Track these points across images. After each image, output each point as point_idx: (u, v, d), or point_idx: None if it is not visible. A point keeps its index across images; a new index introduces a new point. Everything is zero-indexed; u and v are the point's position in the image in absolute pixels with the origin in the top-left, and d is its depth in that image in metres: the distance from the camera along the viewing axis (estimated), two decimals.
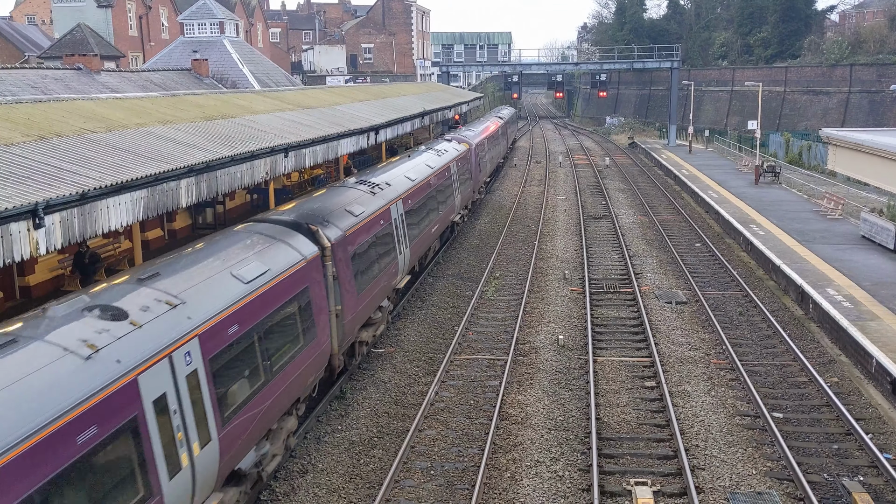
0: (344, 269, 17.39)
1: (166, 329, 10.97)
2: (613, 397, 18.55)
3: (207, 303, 12.15)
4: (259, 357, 13.29)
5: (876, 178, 21.90)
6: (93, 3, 59.14)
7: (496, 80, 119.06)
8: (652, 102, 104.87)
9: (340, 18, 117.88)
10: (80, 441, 8.85)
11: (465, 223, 36.99)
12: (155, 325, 10.87)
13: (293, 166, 25.19)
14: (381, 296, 20.88)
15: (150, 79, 39.58)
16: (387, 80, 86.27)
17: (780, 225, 34.60)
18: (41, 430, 8.32)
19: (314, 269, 16.07)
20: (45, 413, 8.48)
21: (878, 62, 63.88)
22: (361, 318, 18.82)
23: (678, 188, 51.61)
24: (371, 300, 19.48)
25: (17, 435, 8.04)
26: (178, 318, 11.34)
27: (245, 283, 13.36)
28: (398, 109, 41.73)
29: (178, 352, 10.93)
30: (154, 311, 11.16)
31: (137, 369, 10.03)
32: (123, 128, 19.68)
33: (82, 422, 8.92)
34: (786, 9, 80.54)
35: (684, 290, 27.53)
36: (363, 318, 19.10)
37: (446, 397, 18.66)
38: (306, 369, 15.36)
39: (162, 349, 10.63)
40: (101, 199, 14.09)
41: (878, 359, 18.77)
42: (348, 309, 17.50)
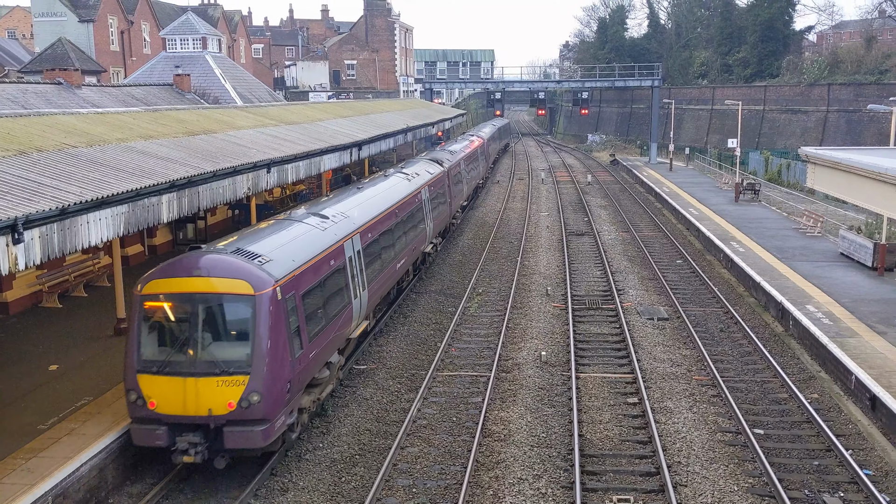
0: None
1: (348, 225, 20.46)
2: (596, 414, 18.54)
3: (359, 218, 21.60)
4: (379, 252, 22.81)
5: (854, 196, 22.12)
6: (74, 17, 58.90)
7: (479, 97, 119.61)
8: (633, 120, 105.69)
9: (323, 35, 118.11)
10: (328, 264, 17.99)
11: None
12: (343, 224, 20.25)
13: (275, 182, 25.13)
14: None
15: (131, 94, 39.40)
16: (370, 96, 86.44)
17: (760, 242, 34.87)
18: (314, 256, 17.30)
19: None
20: (315, 250, 17.57)
21: (855, 82, 64.75)
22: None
23: (659, 205, 51.94)
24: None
25: (307, 257, 16.90)
26: (351, 222, 20.79)
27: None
28: (381, 126, 41.78)
29: (354, 237, 20.39)
30: (340, 217, 20.52)
31: (343, 239, 19.47)
32: (104, 143, 19.55)
33: (326, 257, 17.95)
34: (764, 29, 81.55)
35: (666, 306, 27.64)
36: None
37: (429, 414, 18.58)
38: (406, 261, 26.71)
39: (349, 233, 20.13)
40: (82, 215, 13.98)
41: (858, 375, 18.90)
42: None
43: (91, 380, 17.84)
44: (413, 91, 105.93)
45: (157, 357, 14.65)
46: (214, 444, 14.55)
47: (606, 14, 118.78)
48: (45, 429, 15.32)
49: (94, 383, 17.61)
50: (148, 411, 14.48)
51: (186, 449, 14.33)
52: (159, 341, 14.78)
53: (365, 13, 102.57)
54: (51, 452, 14.29)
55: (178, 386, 14.39)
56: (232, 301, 14.81)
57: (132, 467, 15.38)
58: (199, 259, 15.17)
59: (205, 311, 14.73)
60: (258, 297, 14.69)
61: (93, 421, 15.61)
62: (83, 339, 20.76)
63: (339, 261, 18.88)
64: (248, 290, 14.74)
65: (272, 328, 14.72)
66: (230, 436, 14.41)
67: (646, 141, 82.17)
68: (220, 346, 14.70)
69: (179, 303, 14.77)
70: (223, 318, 14.94)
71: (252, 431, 14.41)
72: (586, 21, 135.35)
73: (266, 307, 14.70)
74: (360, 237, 20.91)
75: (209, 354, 14.56)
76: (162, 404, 14.43)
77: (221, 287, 14.76)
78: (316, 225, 19.04)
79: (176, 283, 14.90)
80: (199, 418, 14.40)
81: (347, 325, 19.26)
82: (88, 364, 18.93)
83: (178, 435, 14.40)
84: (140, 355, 14.66)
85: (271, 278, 15.08)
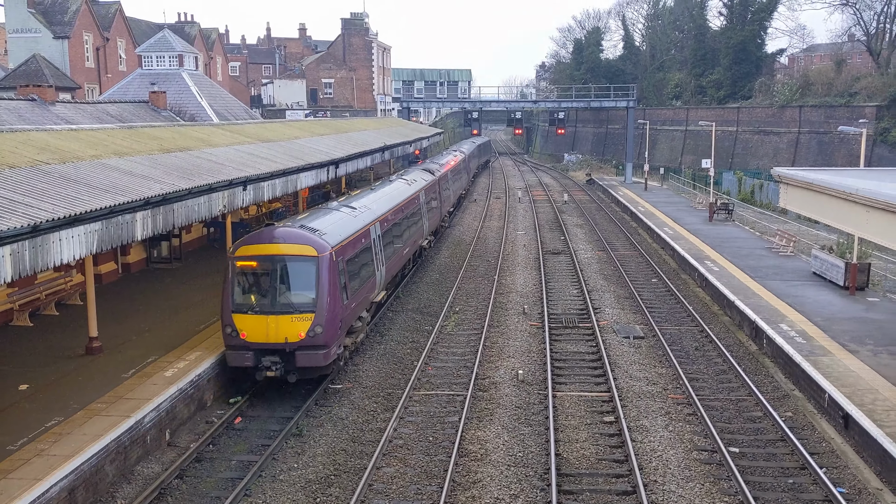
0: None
1: (371, 215, 25.75)
2: (573, 432, 18.53)
3: (377, 210, 26.97)
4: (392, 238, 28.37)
5: (826, 216, 22.41)
6: (49, 34, 58.48)
7: (456, 116, 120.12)
8: (609, 140, 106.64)
9: (301, 53, 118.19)
10: (361, 242, 23.11)
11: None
12: (367, 214, 25.60)
13: (251, 199, 25.02)
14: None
15: (106, 110, 39.13)
16: (347, 114, 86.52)
17: (734, 261, 35.20)
18: (352, 234, 22.47)
19: None
20: (352, 230, 22.75)
21: (825, 104, 65.84)
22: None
23: (635, 224, 52.33)
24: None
25: (347, 234, 22.20)
26: (372, 213, 26.19)
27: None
28: (358, 144, 41.80)
29: (375, 224, 25.59)
30: (364, 209, 25.86)
31: (369, 224, 24.69)
32: (78, 159, 19.37)
33: (360, 236, 23.01)
34: (737, 52, 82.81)
35: (642, 324, 27.77)
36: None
37: (405, 434, 18.47)
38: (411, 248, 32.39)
39: (372, 220, 25.35)
40: (54, 232, 13.82)
41: (831, 393, 19.07)
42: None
43: (62, 400, 17.56)
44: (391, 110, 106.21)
45: (246, 301, 19.97)
46: (287, 365, 19.78)
47: (582, 35, 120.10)
48: (14, 450, 15.03)
49: (65, 403, 17.32)
50: (240, 341, 19.78)
51: (269, 366, 19.63)
52: (248, 290, 20.16)
53: (342, 32, 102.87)
54: (20, 474, 14.01)
55: (263, 322, 19.67)
56: (301, 260, 20.11)
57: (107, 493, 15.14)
58: (276, 230, 20.72)
59: (282, 267, 20.07)
60: (320, 258, 20.16)
61: (62, 441, 15.33)
62: (54, 359, 20.44)
63: (367, 241, 24.61)
64: (313, 252, 20.14)
65: (329, 281, 20.14)
66: (301, 357, 19.73)
67: (621, 161, 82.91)
68: (292, 293, 20.12)
69: (263, 262, 20.08)
70: (295, 273, 20.17)
71: (316, 354, 19.77)
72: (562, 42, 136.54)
73: (325, 265, 20.15)
74: (379, 225, 26.54)
75: (285, 299, 19.99)
76: (250, 335, 19.72)
77: (293, 251, 20.16)
78: (349, 213, 24.75)
79: (260, 248, 20.21)
80: (278, 345, 19.66)
81: (372, 291, 24.90)
82: (59, 384, 18.63)
83: (262, 357, 19.68)
84: (234, 300, 19.97)
85: (328, 245, 20.60)
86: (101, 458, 15.07)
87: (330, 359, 20.08)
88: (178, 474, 16.14)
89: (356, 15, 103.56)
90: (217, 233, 36.74)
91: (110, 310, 24.48)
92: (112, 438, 15.53)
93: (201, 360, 20.21)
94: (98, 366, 19.85)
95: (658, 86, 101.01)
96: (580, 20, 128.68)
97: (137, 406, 17.05)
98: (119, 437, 15.75)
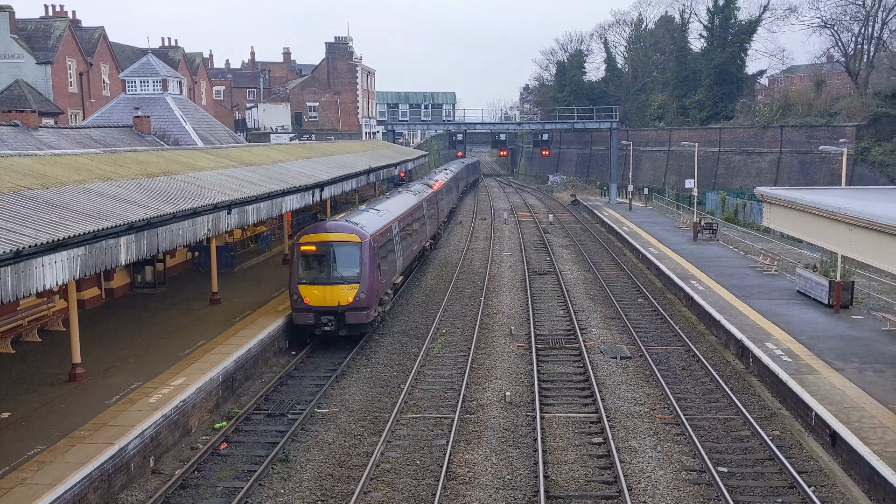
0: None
1: (391, 215, 32.76)
2: (561, 454, 18.46)
3: (395, 212, 33.94)
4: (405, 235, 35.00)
5: (809, 234, 22.57)
6: (32, 59, 58.33)
7: (441, 138, 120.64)
8: (593, 161, 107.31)
9: (285, 77, 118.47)
10: (387, 234, 30.64)
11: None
12: (389, 214, 32.61)
13: (236, 223, 24.96)
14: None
15: (89, 135, 38.99)
16: (332, 137, 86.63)
17: (719, 280, 35.37)
18: (381, 228, 29.87)
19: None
20: (380, 225, 30.05)
21: (806, 124, 66.61)
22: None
23: (620, 244, 52.53)
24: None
25: (378, 227, 29.47)
26: (392, 214, 33.27)
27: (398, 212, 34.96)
28: (343, 167, 41.84)
29: (395, 223, 32.71)
30: (386, 211, 32.90)
31: (391, 222, 31.92)
32: (61, 184, 19.28)
33: (386, 230, 30.63)
34: (718, 73, 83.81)
35: (628, 344, 27.79)
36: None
37: (392, 458, 18.33)
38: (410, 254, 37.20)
39: (393, 219, 32.47)
40: (37, 257, 13.71)
41: (818, 412, 19.11)
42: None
43: (44, 427, 17.32)
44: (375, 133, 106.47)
45: (308, 275, 26.67)
46: (339, 322, 26.44)
47: (565, 58, 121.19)
48: None
49: (48, 431, 17.09)
50: (304, 305, 26.38)
51: (325, 323, 26.28)
52: (309, 267, 26.86)
53: (327, 56, 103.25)
54: (2, 503, 13.79)
55: (320, 290, 26.36)
56: (348, 245, 27.01)
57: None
58: (328, 223, 28.38)
59: (334, 250, 26.94)
60: (362, 243, 27.11)
61: (45, 470, 15.11)
62: (37, 386, 20.19)
63: (390, 234, 31.74)
64: (357, 239, 27.15)
65: (369, 260, 27.00)
66: (349, 316, 26.44)
67: (606, 181, 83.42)
68: (342, 268, 26.89)
69: (320, 246, 26.96)
70: (344, 254, 26.97)
71: (360, 314, 26.53)
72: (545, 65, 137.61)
73: (366, 248, 27.08)
74: (398, 223, 33.71)
75: (337, 273, 26.83)
76: (311, 300, 26.33)
77: (342, 238, 27.10)
78: (375, 213, 32.11)
79: (318, 236, 27.19)
80: (332, 307, 26.35)
81: (394, 274, 32.29)
82: (42, 411, 18.40)
83: (320, 316, 26.32)
84: (299, 275, 26.62)
85: (367, 234, 27.70)
86: (84, 487, 14.85)
87: (370, 318, 27.01)
88: (162, 502, 15.92)
89: (340, 39, 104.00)
90: (202, 257, 36.56)
91: (94, 336, 24.26)
92: (95, 466, 15.32)
93: (186, 385, 20.02)
94: (81, 392, 19.62)
95: (641, 107, 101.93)
96: (563, 43, 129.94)
97: (121, 433, 16.84)
98: (102, 464, 15.54)
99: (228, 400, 21.88)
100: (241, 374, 23.00)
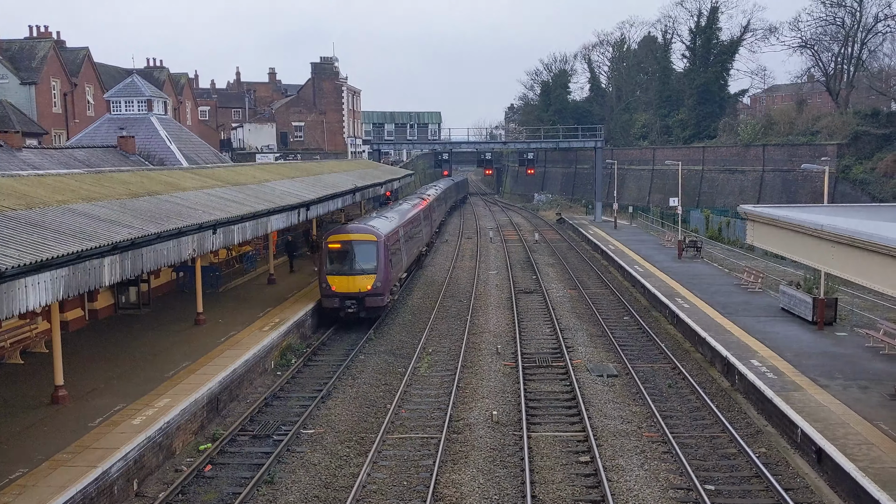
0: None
1: (397, 222, 39.46)
2: (548, 473, 18.39)
3: (400, 219, 40.70)
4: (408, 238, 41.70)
5: (792, 251, 22.74)
6: (16, 80, 58.13)
7: (426, 157, 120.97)
8: (578, 180, 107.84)
9: (271, 97, 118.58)
10: (395, 236, 37.06)
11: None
12: (394, 220, 39.23)
13: (221, 243, 24.87)
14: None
15: (73, 156, 38.84)
16: (318, 157, 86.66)
17: (704, 298, 35.52)
18: (391, 230, 36.26)
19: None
20: (390, 228, 36.61)
21: (788, 143, 67.30)
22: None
23: (605, 262, 52.69)
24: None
25: (389, 230, 36.07)
26: (398, 220, 40.14)
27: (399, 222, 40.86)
28: (329, 186, 41.84)
29: (400, 227, 39.38)
30: (393, 217, 40.34)
31: (398, 227, 38.69)
32: (45, 205, 19.17)
33: (394, 232, 37.06)
34: (701, 92, 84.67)
35: (615, 363, 27.81)
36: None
37: (379, 479, 18.21)
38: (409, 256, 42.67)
39: (399, 224, 39.44)
40: (19, 278, 13.60)
41: (804, 428, 19.17)
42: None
43: (26, 450, 17.10)
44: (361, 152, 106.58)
45: (334, 268, 32.32)
46: (359, 306, 32.10)
47: (549, 78, 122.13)
48: None
49: (30, 454, 16.88)
50: (331, 291, 32.06)
51: (349, 306, 31.97)
52: (335, 260, 32.51)
53: (312, 76, 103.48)
54: None
55: (345, 279, 32.09)
56: (367, 243, 32.77)
57: None
58: (350, 226, 34.45)
59: (356, 246, 32.62)
60: (377, 241, 32.90)
61: (27, 494, 14.90)
62: (19, 408, 19.95)
63: (397, 236, 37.43)
64: (374, 238, 32.94)
65: (384, 255, 32.86)
66: (368, 300, 32.19)
67: (591, 200, 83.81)
68: (362, 261, 32.45)
69: (344, 244, 32.68)
70: (363, 250, 32.61)
71: (377, 299, 32.33)
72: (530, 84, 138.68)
73: (381, 246, 32.90)
74: (402, 227, 39.80)
75: (358, 265, 32.39)
76: (337, 287, 32.04)
77: (362, 237, 32.93)
78: (386, 219, 38.66)
79: (342, 236, 33.06)
80: (354, 294, 32.07)
81: (401, 270, 38.45)
82: (24, 434, 18.17)
83: (345, 301, 31.98)
84: (327, 267, 32.28)
85: (382, 234, 33.73)
86: None
87: (385, 303, 33.11)
88: None
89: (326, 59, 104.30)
90: (186, 277, 36.35)
91: (77, 357, 24.03)
92: (78, 489, 15.13)
93: (170, 407, 19.85)
94: (64, 415, 19.40)
95: (625, 126, 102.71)
96: (547, 63, 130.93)
97: (104, 456, 16.65)
98: (85, 488, 15.34)
99: (213, 421, 21.70)
100: (225, 395, 22.83)
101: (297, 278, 40.33)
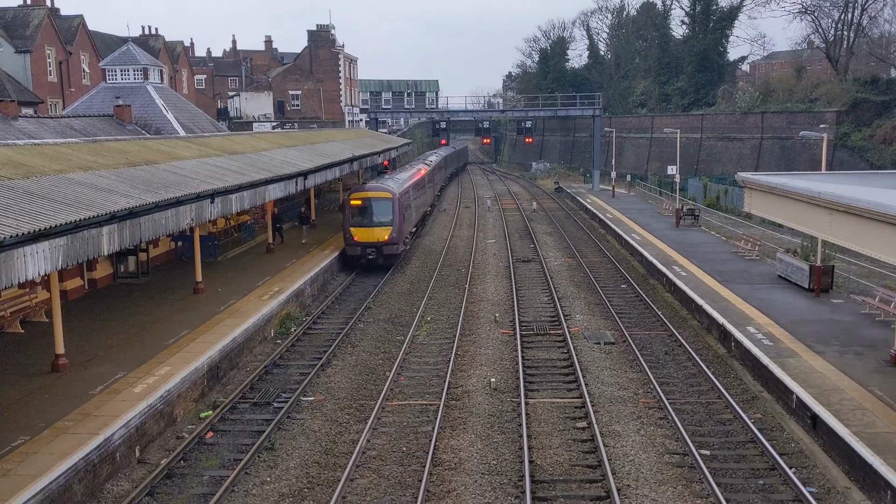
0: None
1: (408, 182, 45.36)
2: (546, 439, 18.60)
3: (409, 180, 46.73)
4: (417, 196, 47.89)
5: (790, 219, 22.78)
6: (10, 48, 57.66)
7: (424, 126, 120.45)
8: (576, 148, 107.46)
9: (267, 65, 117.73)
10: (407, 195, 42.41)
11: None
12: (405, 182, 44.77)
13: (219, 212, 24.88)
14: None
15: (70, 125, 38.65)
16: (315, 126, 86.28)
17: (701, 266, 35.63)
18: (403, 189, 41.98)
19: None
20: (403, 187, 42.28)
21: (787, 110, 66.98)
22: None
23: (603, 231, 52.74)
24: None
25: (402, 189, 41.52)
26: (408, 181, 46.05)
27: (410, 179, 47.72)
28: (327, 155, 41.72)
29: (410, 187, 44.67)
30: (404, 177, 46.66)
31: (409, 185, 44.73)
32: (41, 174, 19.14)
33: (406, 191, 42.72)
34: (700, 60, 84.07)
35: (612, 330, 27.98)
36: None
37: (378, 445, 18.41)
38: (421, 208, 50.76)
39: (409, 184, 45.06)
40: (18, 248, 13.63)
41: (798, 394, 19.36)
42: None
43: (28, 418, 17.26)
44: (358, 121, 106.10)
45: (356, 220, 37.56)
46: (378, 253, 37.35)
47: (548, 45, 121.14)
48: None
49: (31, 422, 17.03)
50: (354, 241, 37.29)
51: (369, 254, 37.22)
52: (357, 214, 37.74)
53: (309, 44, 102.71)
54: None
55: (366, 230, 37.32)
56: (384, 199, 38.14)
57: None
58: (369, 185, 41.40)
59: (374, 202, 38.03)
60: (394, 198, 38.16)
61: (29, 461, 15.07)
62: (19, 377, 20.09)
63: (408, 196, 42.41)
64: (390, 195, 38.29)
65: (399, 210, 38.01)
66: (385, 248, 37.45)
67: (589, 168, 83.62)
68: (380, 215, 37.62)
69: (365, 200, 38.04)
70: (381, 205, 37.95)
71: (393, 247, 37.62)
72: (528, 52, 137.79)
73: (396, 202, 38.14)
74: (412, 189, 44.97)
75: (377, 218, 37.58)
76: (359, 238, 37.28)
77: (380, 194, 38.42)
78: (399, 179, 44.78)
79: (363, 193, 38.67)
80: (374, 243, 37.29)
81: (412, 224, 43.58)
82: (25, 402, 18.32)
83: (365, 249, 37.22)
84: (351, 220, 37.47)
85: (397, 191, 39.17)
86: (69, 478, 14.83)
87: (399, 251, 38.48)
88: (148, 491, 15.93)
89: (322, 27, 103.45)
90: (185, 246, 36.39)
91: (77, 326, 24.14)
92: (80, 457, 15.29)
93: (171, 375, 20.00)
94: (65, 383, 19.55)
95: (623, 94, 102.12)
96: (545, 30, 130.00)
97: (106, 423, 16.81)
98: (87, 455, 15.51)
99: (214, 389, 21.88)
100: (226, 364, 22.99)
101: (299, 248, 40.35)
